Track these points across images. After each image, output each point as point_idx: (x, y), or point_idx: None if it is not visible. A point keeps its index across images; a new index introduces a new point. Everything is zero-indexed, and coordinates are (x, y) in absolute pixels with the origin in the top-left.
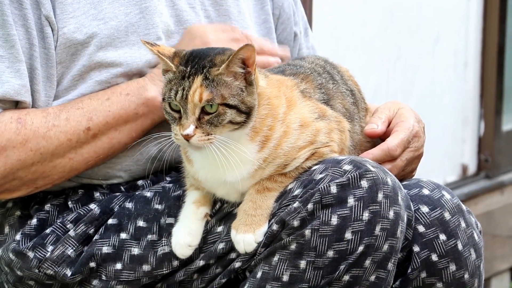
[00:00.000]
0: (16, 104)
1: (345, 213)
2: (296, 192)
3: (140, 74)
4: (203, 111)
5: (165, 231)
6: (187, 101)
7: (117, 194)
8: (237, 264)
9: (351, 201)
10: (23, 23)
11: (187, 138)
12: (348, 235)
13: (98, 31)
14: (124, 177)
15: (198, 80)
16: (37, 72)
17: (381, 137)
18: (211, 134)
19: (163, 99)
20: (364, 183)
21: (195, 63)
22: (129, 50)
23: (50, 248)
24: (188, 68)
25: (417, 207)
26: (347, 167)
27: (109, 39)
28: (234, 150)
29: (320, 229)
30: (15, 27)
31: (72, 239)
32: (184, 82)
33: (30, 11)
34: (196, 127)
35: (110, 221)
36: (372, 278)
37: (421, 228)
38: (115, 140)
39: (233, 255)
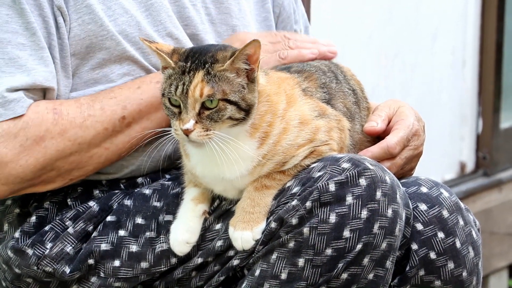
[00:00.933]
0: (44, 94)
1: (343, 211)
2: (294, 190)
3: (158, 68)
4: (203, 107)
5: (164, 228)
6: (187, 95)
7: (116, 191)
8: (235, 262)
9: (349, 199)
10: (40, 13)
11: (187, 133)
12: (346, 233)
13: (109, 27)
14: (135, 173)
15: (200, 75)
16: (56, 61)
17: (381, 135)
18: (211, 130)
19: (163, 94)
20: (363, 181)
21: (195, 58)
22: (142, 45)
23: (49, 245)
24: (189, 63)
25: (415, 205)
26: (345, 165)
27: (122, 35)
28: (233, 146)
29: (318, 227)
30: (33, 16)
31: (71, 236)
32: (184, 77)
33: (45, 0)
34: (196, 122)
35: (109, 218)
36: (371, 276)
37: (419, 226)
38: (146, 129)
39: (231, 253)
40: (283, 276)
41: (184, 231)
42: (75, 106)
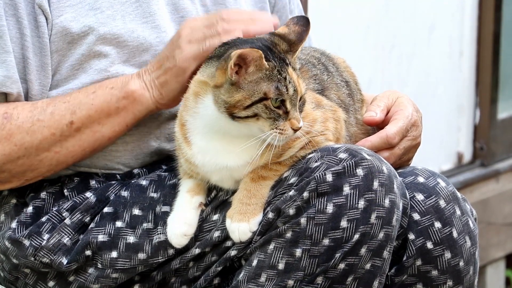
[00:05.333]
0: (5, 97)
1: (340, 201)
2: (291, 180)
3: (138, 66)
4: None
5: (161, 219)
6: (296, 93)
7: (113, 182)
8: (233, 252)
9: (346, 189)
10: (14, 13)
11: (298, 130)
12: (343, 223)
13: (95, 20)
14: (123, 170)
15: (294, 71)
16: (30, 61)
17: (379, 126)
18: None
19: (265, 98)
20: (360, 171)
21: (273, 55)
22: (128, 37)
23: (46, 236)
24: (275, 61)
25: (412, 195)
26: (342, 155)
27: (106, 28)
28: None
29: (315, 217)
30: (5, 17)
31: (68, 227)
32: (284, 76)
33: (21, 1)
34: None
35: (106, 209)
36: (368, 266)
37: (416, 216)
38: (98, 133)
39: (228, 243)
40: (281, 266)
41: (181, 224)
42: (28, 110)
